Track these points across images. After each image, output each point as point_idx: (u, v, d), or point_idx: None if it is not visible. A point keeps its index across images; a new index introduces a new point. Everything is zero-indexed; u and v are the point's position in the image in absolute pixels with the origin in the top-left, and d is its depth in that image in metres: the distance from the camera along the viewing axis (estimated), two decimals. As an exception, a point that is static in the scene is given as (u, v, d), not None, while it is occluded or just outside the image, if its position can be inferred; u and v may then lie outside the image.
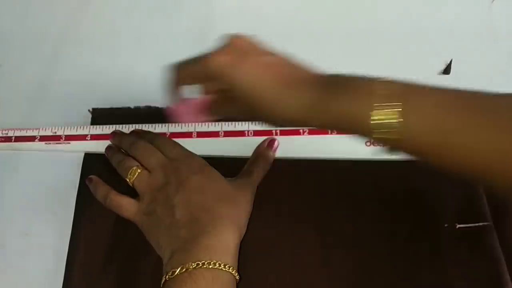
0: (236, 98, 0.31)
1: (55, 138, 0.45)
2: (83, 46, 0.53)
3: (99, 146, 0.44)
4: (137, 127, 0.44)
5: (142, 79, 0.50)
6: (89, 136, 0.45)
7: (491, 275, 0.37)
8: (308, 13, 0.53)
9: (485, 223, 0.39)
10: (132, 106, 0.47)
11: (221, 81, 0.31)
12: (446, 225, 0.39)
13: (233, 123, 0.44)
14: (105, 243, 0.40)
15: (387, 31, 0.51)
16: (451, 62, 0.48)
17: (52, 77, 0.51)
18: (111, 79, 0.50)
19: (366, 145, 0.41)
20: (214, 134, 0.44)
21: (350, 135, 0.29)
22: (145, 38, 0.53)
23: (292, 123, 0.31)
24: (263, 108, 0.30)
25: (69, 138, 0.45)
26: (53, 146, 0.45)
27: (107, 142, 0.43)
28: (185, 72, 0.34)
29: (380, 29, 0.51)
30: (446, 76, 0.48)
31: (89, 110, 0.47)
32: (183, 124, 0.44)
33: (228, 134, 0.44)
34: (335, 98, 0.29)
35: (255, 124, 0.44)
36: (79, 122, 0.47)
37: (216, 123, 0.44)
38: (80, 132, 0.45)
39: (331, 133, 0.43)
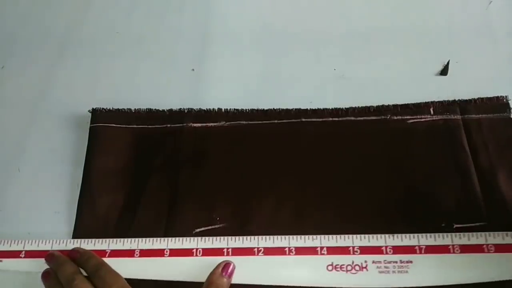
0: None
1: None
2: (85, 47, 0.53)
3: (35, 266, 0.39)
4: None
5: (143, 81, 0.50)
6: (23, 253, 0.40)
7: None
8: (308, 14, 0.54)
9: (482, 223, 0.39)
10: (133, 108, 0.47)
11: None
12: (443, 225, 0.39)
13: (180, 239, 0.39)
14: None
15: (385, 32, 0.51)
16: (448, 63, 0.48)
17: (53, 78, 0.51)
18: (113, 81, 0.50)
19: (328, 269, 0.37)
20: (159, 252, 0.39)
21: None
22: (147, 40, 0.53)
23: None
24: None
25: (2, 255, 0.40)
26: None
27: (44, 262, 0.39)
28: None
29: (377, 30, 0.51)
30: (444, 77, 0.48)
31: (88, 111, 0.47)
32: (125, 240, 0.40)
33: (174, 253, 0.39)
34: None
35: (204, 241, 0.39)
36: (79, 123, 0.47)
37: (162, 239, 0.39)
38: (14, 247, 0.40)
39: (289, 254, 0.38)
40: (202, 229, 0.40)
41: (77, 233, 0.41)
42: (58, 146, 0.47)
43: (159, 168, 0.44)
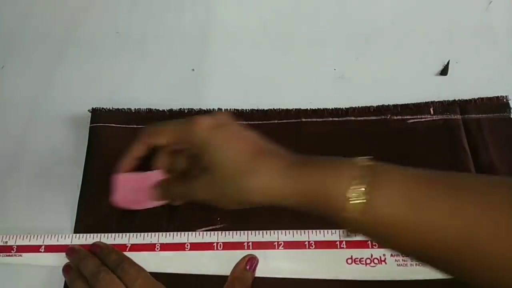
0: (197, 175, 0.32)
1: (6, 249, 0.40)
2: (85, 47, 0.53)
3: (54, 260, 0.39)
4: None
5: (143, 81, 0.50)
6: (43, 247, 0.40)
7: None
8: (308, 14, 0.54)
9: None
10: (133, 108, 0.47)
11: (197, 143, 0.31)
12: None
13: (200, 233, 0.40)
14: None
15: (385, 32, 0.51)
16: (448, 63, 0.48)
17: (53, 78, 0.51)
18: (113, 81, 0.50)
19: (347, 263, 0.38)
20: (180, 246, 0.39)
21: (320, 215, 0.28)
22: (147, 40, 0.53)
23: (262, 194, 0.29)
24: (233, 174, 0.30)
25: (22, 249, 0.40)
26: (2, 258, 0.40)
27: (63, 256, 0.39)
28: (165, 129, 0.34)
29: (377, 30, 0.52)
30: (444, 77, 0.48)
31: (88, 110, 0.47)
32: (145, 235, 0.40)
33: (194, 247, 0.39)
34: (307, 172, 0.29)
35: (224, 236, 0.39)
36: (79, 123, 0.47)
37: (182, 233, 0.40)
38: (34, 242, 0.40)
39: (309, 248, 0.39)
40: (203, 229, 0.40)
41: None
42: (58, 146, 0.47)
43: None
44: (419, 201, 0.26)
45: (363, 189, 0.26)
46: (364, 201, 0.26)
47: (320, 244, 0.39)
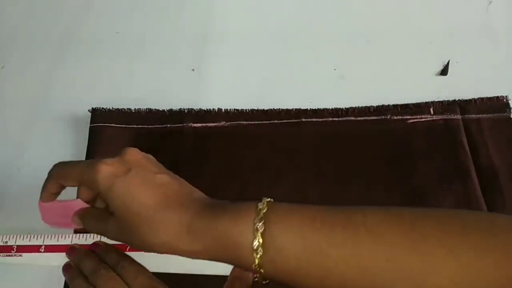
0: (111, 215, 0.31)
1: (6, 249, 0.40)
2: (85, 47, 0.53)
3: (54, 260, 0.39)
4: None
5: (143, 81, 0.50)
6: (43, 247, 0.40)
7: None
8: (308, 14, 0.54)
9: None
10: (133, 108, 0.47)
11: (100, 191, 0.30)
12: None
13: None
14: None
15: (385, 32, 0.51)
16: (448, 63, 0.48)
17: (53, 78, 0.51)
18: (113, 81, 0.50)
19: None
20: None
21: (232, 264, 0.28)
22: (147, 40, 0.53)
23: (166, 249, 0.28)
24: (137, 227, 0.29)
25: (22, 249, 0.40)
26: (2, 258, 0.40)
27: (63, 256, 0.38)
28: (71, 172, 0.32)
29: (377, 30, 0.52)
30: (444, 77, 0.48)
31: (88, 110, 0.47)
32: None
33: None
34: (211, 225, 0.27)
35: None
36: (79, 123, 0.47)
37: None
38: (34, 242, 0.41)
39: None
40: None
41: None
42: (58, 146, 0.47)
43: (159, 168, 0.44)
44: (315, 249, 0.25)
45: (260, 237, 0.26)
46: (262, 251, 0.26)
47: None
